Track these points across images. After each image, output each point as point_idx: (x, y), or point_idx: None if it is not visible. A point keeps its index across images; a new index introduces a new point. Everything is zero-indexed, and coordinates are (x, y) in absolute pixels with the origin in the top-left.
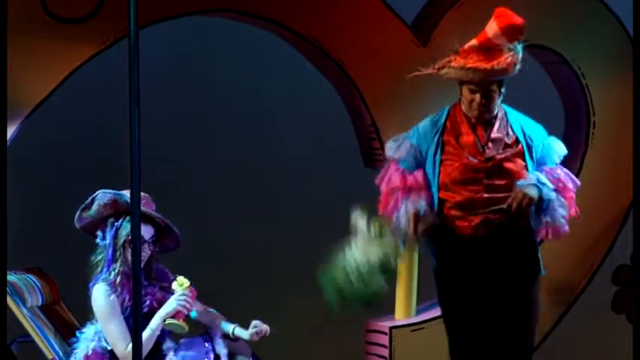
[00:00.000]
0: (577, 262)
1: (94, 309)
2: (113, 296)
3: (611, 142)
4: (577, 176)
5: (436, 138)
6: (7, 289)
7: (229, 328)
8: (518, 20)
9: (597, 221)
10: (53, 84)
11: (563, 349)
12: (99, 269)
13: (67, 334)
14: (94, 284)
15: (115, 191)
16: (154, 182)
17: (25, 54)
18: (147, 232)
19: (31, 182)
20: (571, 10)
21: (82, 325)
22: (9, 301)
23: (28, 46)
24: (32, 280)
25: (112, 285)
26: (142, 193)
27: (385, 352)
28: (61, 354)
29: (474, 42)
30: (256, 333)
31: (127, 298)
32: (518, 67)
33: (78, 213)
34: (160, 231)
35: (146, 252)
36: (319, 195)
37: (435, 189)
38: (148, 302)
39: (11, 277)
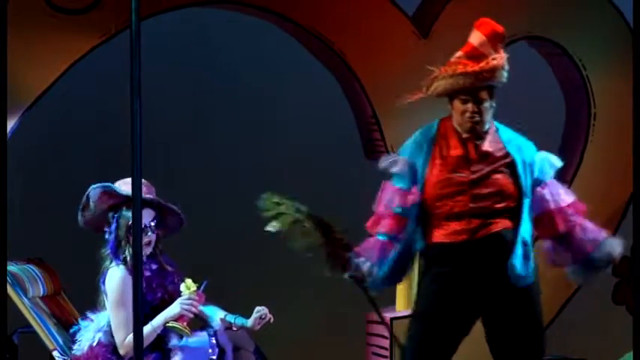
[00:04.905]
0: None
1: (107, 292)
2: (130, 282)
3: (612, 133)
4: (577, 169)
5: (424, 150)
6: (9, 280)
7: (231, 318)
8: (500, 28)
9: (597, 213)
10: (54, 75)
11: (564, 340)
12: (107, 262)
13: (69, 324)
14: (107, 271)
15: (102, 184)
16: (154, 172)
17: (27, 45)
18: (146, 215)
19: (32, 173)
20: (572, 2)
21: (84, 314)
22: (10, 291)
23: (30, 37)
24: (33, 270)
25: (131, 271)
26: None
27: (386, 343)
28: (62, 344)
29: (459, 53)
30: (260, 317)
31: (144, 285)
32: (505, 72)
33: (79, 214)
34: (162, 212)
35: (150, 237)
36: (320, 186)
37: (421, 199)
38: (159, 295)
39: (12, 268)
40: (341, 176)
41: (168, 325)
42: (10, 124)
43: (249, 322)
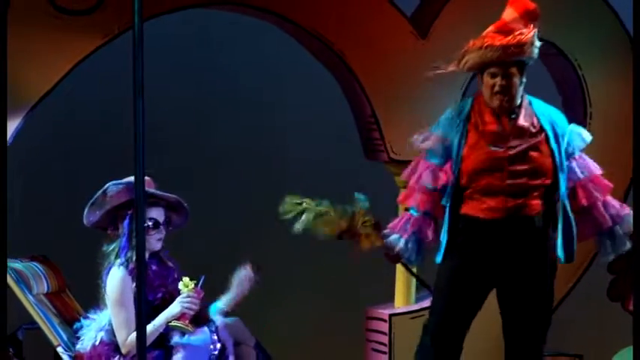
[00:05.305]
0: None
1: (108, 292)
2: (129, 282)
3: (608, 133)
4: None
5: (460, 127)
6: (14, 277)
7: (222, 304)
8: (533, 5)
9: None
10: (58, 75)
11: (560, 336)
12: (111, 258)
13: (73, 321)
14: (109, 270)
15: (124, 180)
16: (156, 172)
17: (30, 46)
18: (160, 214)
19: (36, 173)
20: (568, 2)
21: (87, 312)
22: (15, 288)
23: (33, 38)
24: (38, 267)
25: (131, 271)
26: None
27: (385, 339)
28: (66, 341)
29: (490, 28)
30: (241, 279)
31: None
32: (535, 49)
33: (87, 209)
34: (169, 209)
35: (162, 233)
36: (320, 186)
37: (455, 176)
38: (160, 295)
39: (17, 265)
40: (341, 176)
41: (170, 324)
42: (14, 124)
43: (234, 290)
